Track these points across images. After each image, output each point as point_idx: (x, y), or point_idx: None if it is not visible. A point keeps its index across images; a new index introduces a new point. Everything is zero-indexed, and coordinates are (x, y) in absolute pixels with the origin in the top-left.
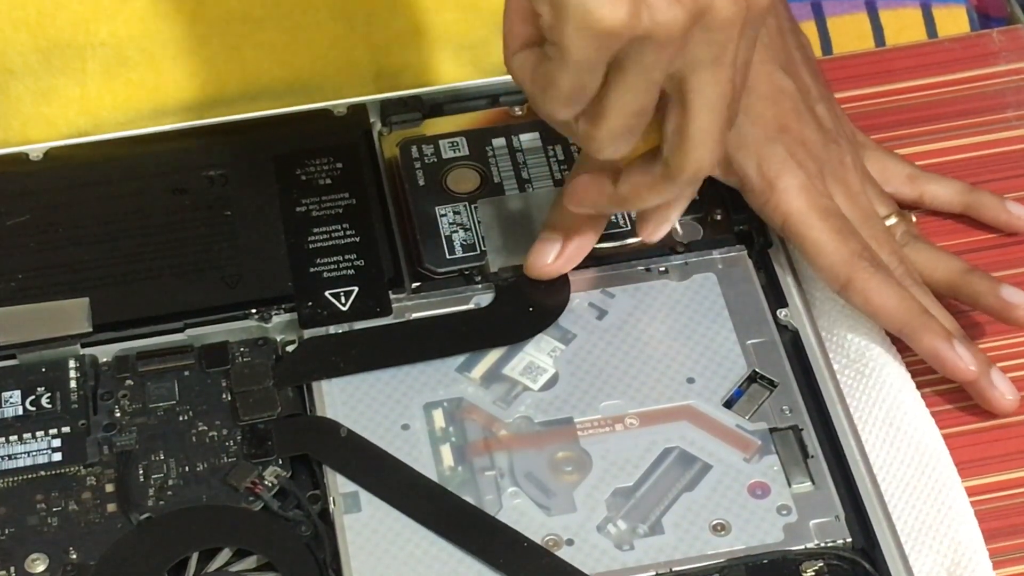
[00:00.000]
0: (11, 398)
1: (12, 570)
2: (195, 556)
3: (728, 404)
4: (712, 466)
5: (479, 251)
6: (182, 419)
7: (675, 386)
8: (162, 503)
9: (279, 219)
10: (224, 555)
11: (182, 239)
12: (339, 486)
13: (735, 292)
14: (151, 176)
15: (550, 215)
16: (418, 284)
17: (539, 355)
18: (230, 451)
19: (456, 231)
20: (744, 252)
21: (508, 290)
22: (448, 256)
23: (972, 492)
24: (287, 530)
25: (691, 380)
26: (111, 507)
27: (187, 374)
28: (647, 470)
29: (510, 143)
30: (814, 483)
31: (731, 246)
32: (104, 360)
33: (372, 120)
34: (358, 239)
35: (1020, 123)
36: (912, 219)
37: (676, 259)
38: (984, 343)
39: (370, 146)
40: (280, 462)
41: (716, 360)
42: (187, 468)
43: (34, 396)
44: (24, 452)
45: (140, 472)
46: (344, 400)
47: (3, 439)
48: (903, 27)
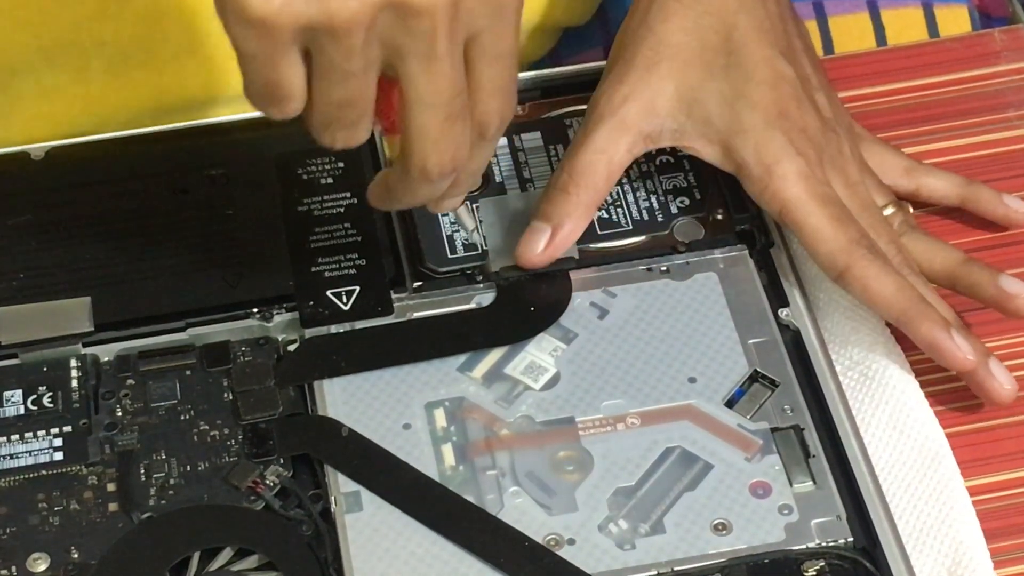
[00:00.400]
0: (12, 397)
1: (14, 569)
2: (196, 555)
3: (729, 404)
4: (713, 466)
5: (480, 250)
6: (183, 418)
7: (676, 385)
8: (163, 502)
9: (280, 218)
10: (225, 554)
11: (184, 238)
12: (340, 485)
13: (736, 291)
14: (153, 175)
15: (539, 205)
16: (419, 283)
17: (540, 354)
18: (231, 450)
19: (457, 230)
20: (745, 252)
21: (509, 289)
22: (449, 255)
23: (973, 492)
24: (288, 529)
25: (692, 380)
26: (112, 506)
27: (188, 373)
28: (648, 469)
29: (511, 142)
30: (815, 483)
31: (732, 245)
32: (105, 359)
33: None
34: (359, 238)
35: (1021, 123)
36: (909, 209)
37: (677, 259)
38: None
39: (372, 145)
40: (281, 461)
41: (717, 360)
42: (188, 467)
43: (36, 395)
44: (26, 451)
45: (141, 471)
46: (345, 399)
47: (5, 438)
48: (904, 27)
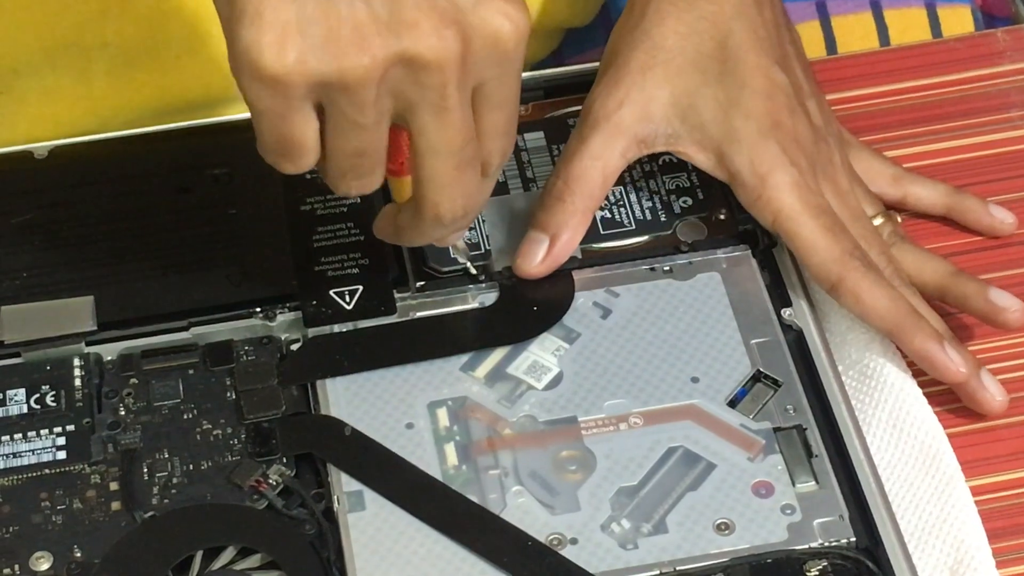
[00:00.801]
0: (16, 396)
1: (17, 568)
2: (199, 554)
3: (732, 403)
4: (716, 465)
5: (484, 250)
6: (186, 417)
7: (679, 385)
8: (166, 501)
9: (283, 218)
10: (228, 553)
11: (187, 237)
12: (343, 484)
13: (739, 292)
14: (156, 175)
15: (536, 214)
16: (422, 283)
17: (543, 354)
18: (234, 449)
19: None
20: (748, 252)
21: (512, 289)
22: (452, 255)
23: (976, 492)
24: (291, 528)
25: (695, 379)
26: (115, 505)
27: (191, 372)
28: (651, 469)
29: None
30: (818, 482)
31: (735, 246)
32: (109, 358)
33: None
34: (362, 238)
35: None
36: (898, 219)
37: (680, 258)
38: (971, 346)
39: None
40: (284, 460)
41: (720, 359)
42: (191, 466)
43: (39, 394)
44: (28, 450)
45: (144, 470)
46: (348, 399)
47: (8, 437)
48: (907, 26)
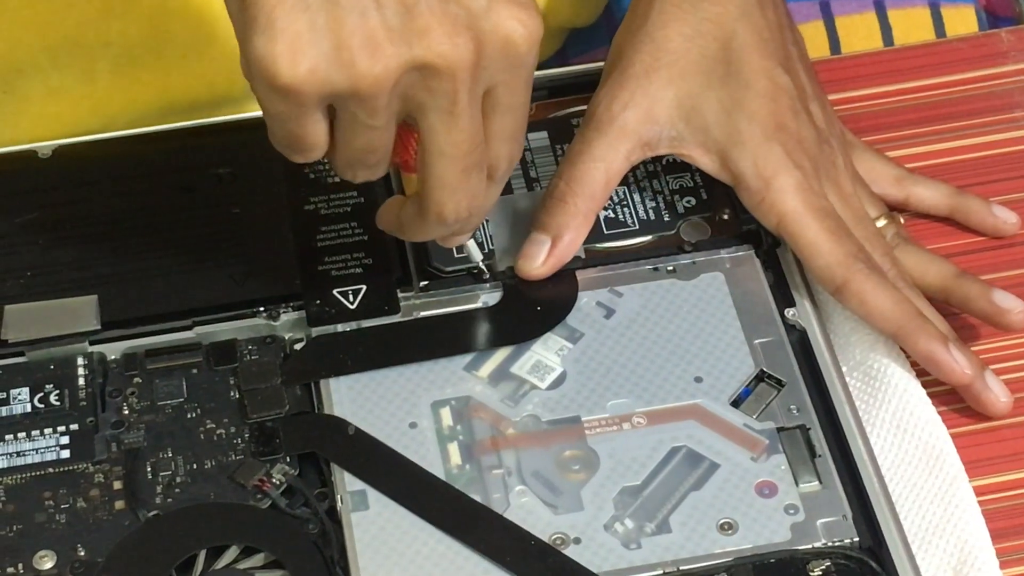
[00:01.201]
0: (19, 395)
1: (20, 567)
2: (203, 553)
3: (736, 403)
4: (719, 465)
5: (487, 250)
6: (190, 416)
7: (683, 385)
8: (170, 500)
9: (287, 217)
10: (232, 552)
11: (190, 237)
12: (347, 484)
13: (743, 291)
14: (159, 174)
15: (539, 216)
16: (426, 283)
17: (547, 354)
18: (238, 449)
19: None
20: (752, 252)
21: (516, 289)
22: (456, 255)
23: (979, 492)
24: (295, 528)
25: (699, 379)
26: (119, 504)
27: (195, 372)
28: (654, 469)
29: None
30: (821, 482)
31: (739, 246)
32: (112, 357)
33: None
34: (366, 237)
35: None
36: (901, 221)
37: (684, 258)
38: (974, 346)
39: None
40: (288, 460)
41: (724, 359)
42: (195, 465)
43: (42, 393)
44: (32, 449)
45: (148, 469)
46: (352, 398)
47: (11, 436)
48: (912, 27)
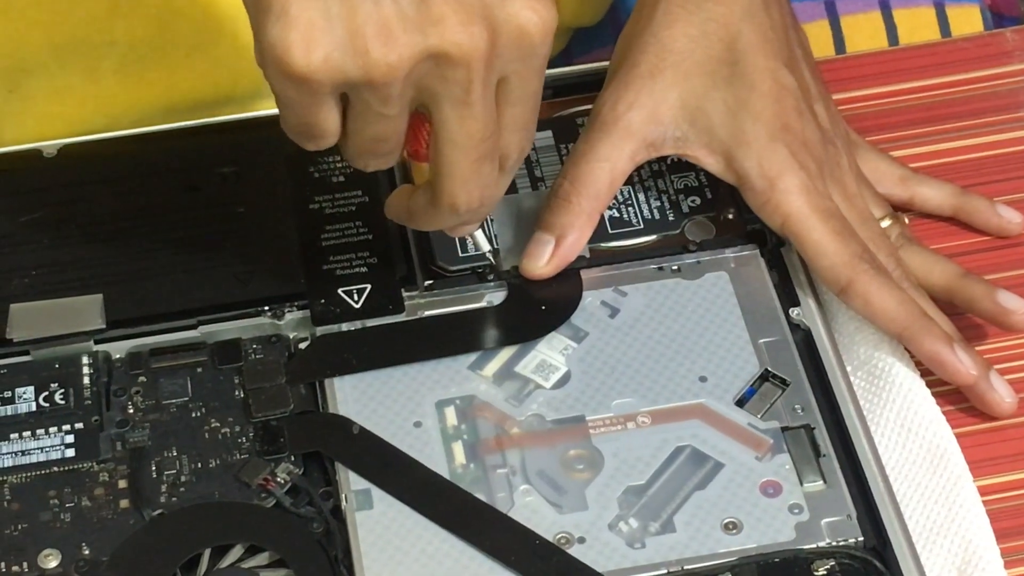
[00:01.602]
0: (24, 394)
1: (25, 565)
2: (207, 552)
3: (740, 403)
4: (724, 464)
5: (493, 248)
6: (195, 415)
7: (687, 384)
8: (174, 499)
9: (292, 216)
10: (236, 551)
11: (195, 236)
12: (351, 483)
13: (747, 291)
14: (164, 173)
15: (543, 215)
16: (431, 282)
17: (551, 353)
18: (242, 448)
19: None
20: (756, 251)
21: (520, 288)
22: (461, 254)
23: (983, 491)
24: (299, 527)
25: (703, 379)
26: (124, 503)
27: (200, 371)
28: (659, 468)
29: None
30: (826, 482)
31: (743, 245)
32: (117, 356)
33: None
34: (371, 237)
35: None
36: (905, 221)
37: (688, 258)
38: (979, 346)
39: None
40: (292, 459)
41: (728, 359)
42: (199, 464)
43: (47, 392)
44: (37, 448)
45: (153, 468)
46: (356, 397)
47: (16, 435)
48: (917, 26)
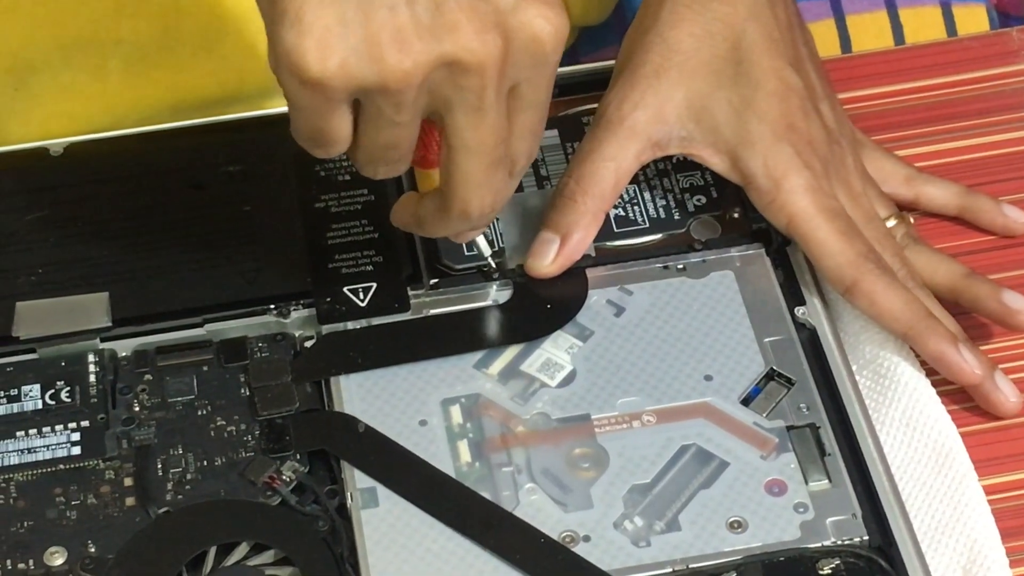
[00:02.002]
0: (31, 392)
1: (31, 562)
2: (213, 550)
3: (745, 402)
4: (729, 463)
5: (497, 247)
6: (200, 414)
7: (692, 383)
8: (180, 497)
9: (298, 215)
10: (242, 549)
11: (201, 234)
12: (356, 481)
13: (753, 290)
14: (170, 172)
15: (548, 214)
16: (436, 280)
17: (557, 352)
18: (248, 446)
19: None
20: (762, 250)
21: (526, 287)
22: (466, 253)
23: (988, 491)
24: (305, 525)
25: (708, 377)
26: (129, 501)
27: (205, 369)
28: (664, 467)
29: None
30: (831, 481)
31: (749, 244)
32: (123, 354)
33: None
34: (376, 235)
35: None
36: (911, 221)
37: (694, 257)
38: (984, 345)
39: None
40: (298, 457)
41: (734, 358)
42: (205, 462)
43: (53, 390)
44: (43, 446)
45: (158, 466)
46: (362, 396)
47: (23, 432)
48: (922, 25)
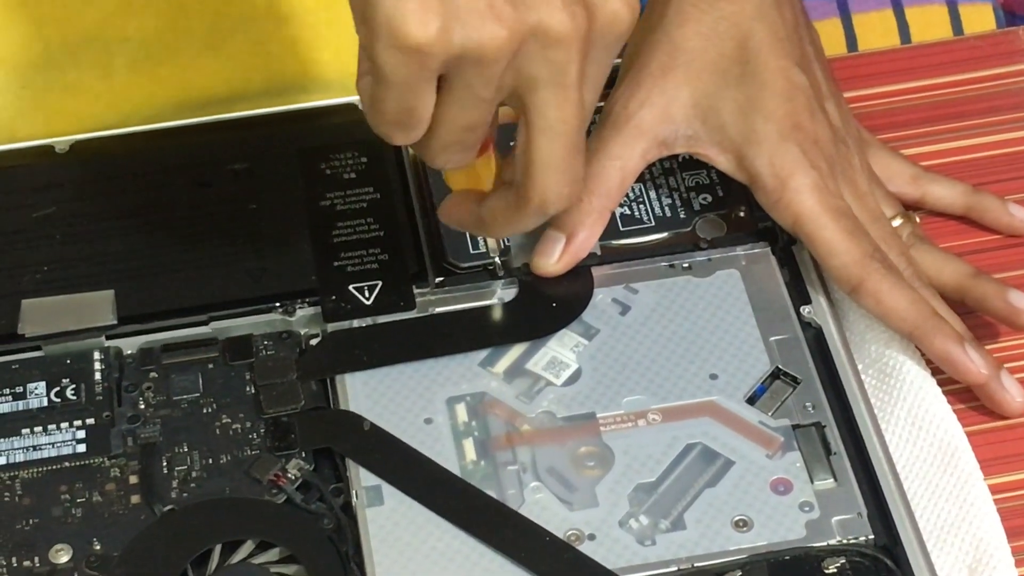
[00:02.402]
0: (36, 389)
1: (36, 560)
2: (218, 548)
3: (751, 400)
4: (734, 462)
5: (503, 246)
6: (206, 411)
7: (698, 382)
8: (185, 495)
9: (303, 213)
10: (247, 547)
11: (207, 232)
12: (362, 479)
13: (758, 289)
14: (176, 169)
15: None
16: (442, 279)
17: (562, 350)
18: (253, 444)
19: None
20: (768, 249)
21: (531, 285)
22: (472, 251)
23: (994, 490)
24: (310, 523)
25: (714, 376)
26: (135, 498)
27: (211, 367)
28: (669, 465)
29: None
30: (836, 480)
31: (754, 243)
32: (129, 352)
33: None
34: (382, 233)
35: None
36: (916, 220)
37: (700, 255)
38: (990, 345)
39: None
40: (303, 455)
41: (739, 356)
42: (210, 460)
43: (59, 387)
44: (49, 443)
45: (164, 464)
46: (367, 394)
47: (28, 430)
48: (929, 24)
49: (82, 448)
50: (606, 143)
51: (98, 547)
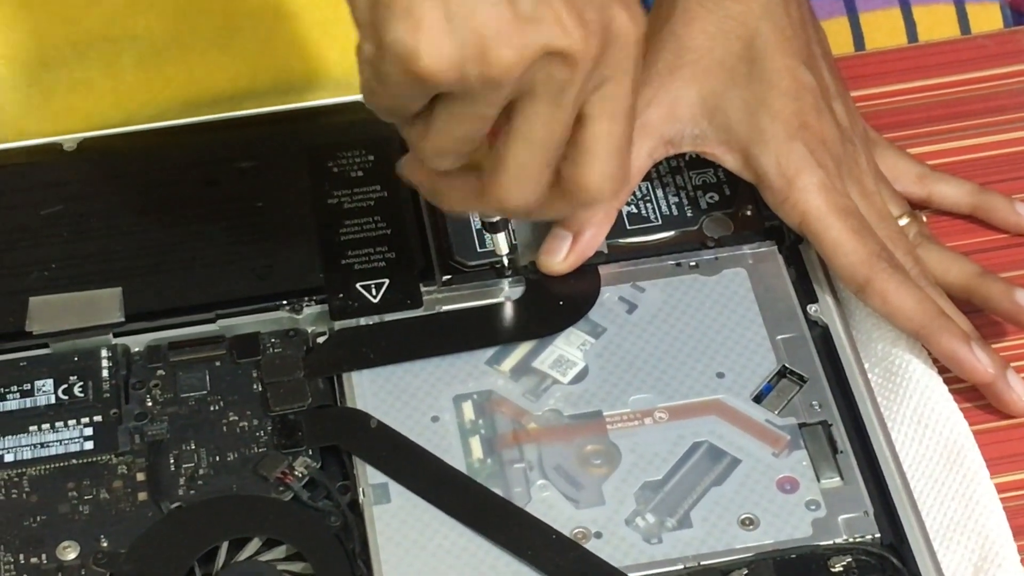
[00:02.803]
0: (44, 387)
1: (43, 557)
2: (225, 545)
3: (757, 399)
4: (741, 460)
5: (511, 244)
6: (213, 409)
7: (704, 380)
8: (192, 492)
9: (311, 211)
10: (254, 544)
11: (214, 230)
12: (369, 477)
13: (765, 287)
14: (184, 167)
15: None
16: (449, 277)
17: (569, 348)
18: (260, 441)
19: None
20: (774, 248)
21: (538, 283)
22: (479, 249)
23: (1000, 489)
24: (317, 520)
25: (721, 375)
26: (142, 496)
27: (218, 364)
28: (676, 464)
29: None
30: (843, 478)
31: (761, 241)
32: (136, 350)
33: None
34: (389, 231)
35: None
36: (923, 219)
37: (706, 254)
38: (996, 344)
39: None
40: (310, 453)
41: (746, 355)
42: (217, 458)
43: (66, 385)
44: (56, 440)
45: (171, 461)
46: (374, 392)
47: (35, 427)
48: (936, 23)
49: (89, 445)
50: None
51: (105, 544)
